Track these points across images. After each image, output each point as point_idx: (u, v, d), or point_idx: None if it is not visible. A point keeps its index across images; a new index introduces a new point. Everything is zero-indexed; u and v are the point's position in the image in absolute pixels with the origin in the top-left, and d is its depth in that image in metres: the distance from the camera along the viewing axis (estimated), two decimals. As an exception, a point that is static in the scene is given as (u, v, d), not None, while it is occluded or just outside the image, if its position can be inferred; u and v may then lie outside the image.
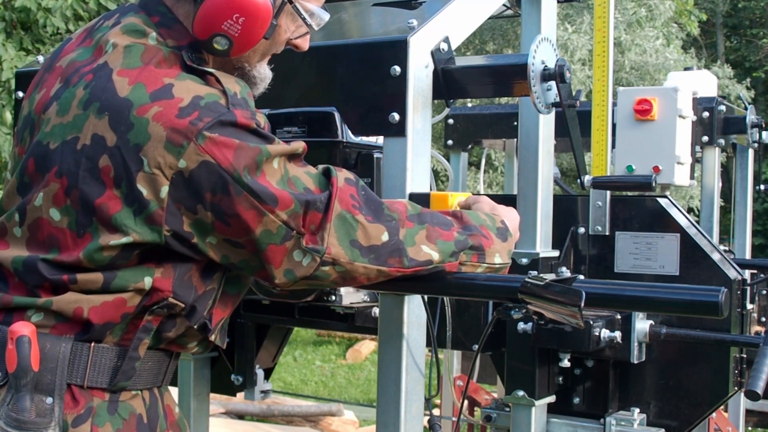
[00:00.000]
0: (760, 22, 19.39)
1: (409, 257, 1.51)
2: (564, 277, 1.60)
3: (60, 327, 1.42)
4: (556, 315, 1.48)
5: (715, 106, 3.00)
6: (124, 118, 1.38)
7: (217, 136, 1.36)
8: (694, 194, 10.73)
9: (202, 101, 1.38)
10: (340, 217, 1.45)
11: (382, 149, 1.80)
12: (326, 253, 1.44)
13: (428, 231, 1.54)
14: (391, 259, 1.49)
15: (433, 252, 1.53)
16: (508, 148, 3.48)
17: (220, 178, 1.37)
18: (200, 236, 1.41)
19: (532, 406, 2.13)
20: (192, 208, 1.39)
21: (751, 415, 5.11)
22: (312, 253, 1.43)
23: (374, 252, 1.48)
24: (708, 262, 2.16)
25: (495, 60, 1.96)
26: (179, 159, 1.36)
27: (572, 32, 10.64)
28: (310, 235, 1.43)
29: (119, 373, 1.45)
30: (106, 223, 1.39)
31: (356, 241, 1.46)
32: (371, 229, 1.47)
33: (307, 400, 7.27)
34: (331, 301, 2.25)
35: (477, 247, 1.60)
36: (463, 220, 1.61)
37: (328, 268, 1.46)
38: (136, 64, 1.42)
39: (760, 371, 1.61)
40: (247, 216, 1.39)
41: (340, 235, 1.44)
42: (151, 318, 1.45)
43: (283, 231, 1.41)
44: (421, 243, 1.52)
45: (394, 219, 1.51)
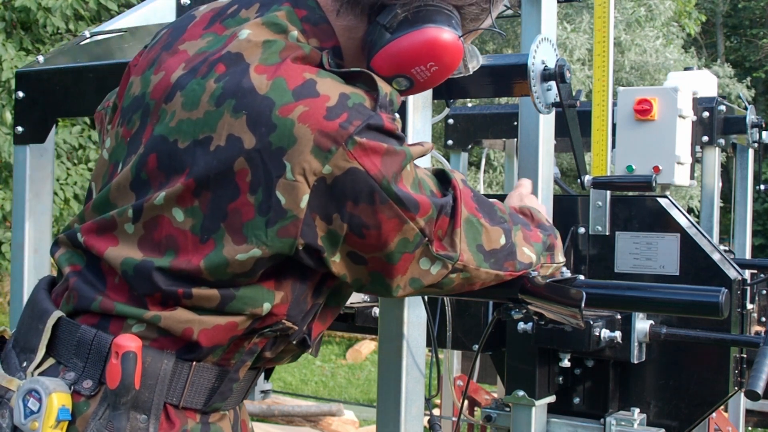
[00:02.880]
0: (760, 22, 19.39)
1: (519, 260, 1.45)
2: (564, 277, 1.60)
3: (162, 341, 1.30)
4: (557, 315, 1.48)
5: (715, 106, 3.00)
6: (265, 118, 1.24)
7: (366, 141, 1.23)
8: (694, 194, 10.73)
9: (350, 101, 1.25)
10: (468, 221, 1.35)
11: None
12: (459, 260, 1.34)
13: (523, 232, 1.48)
14: (507, 263, 1.43)
15: (532, 254, 1.48)
16: (508, 148, 3.48)
17: (367, 186, 1.24)
18: (330, 250, 1.28)
19: (532, 406, 2.13)
20: (328, 218, 1.26)
21: (751, 415, 5.11)
22: (444, 260, 1.34)
23: (494, 256, 1.40)
24: (708, 262, 2.16)
25: (495, 60, 1.95)
26: (325, 165, 1.22)
27: (571, 31, 10.63)
28: (439, 241, 1.32)
29: (216, 394, 1.34)
30: (236, 231, 1.26)
31: (481, 246, 1.38)
32: (492, 233, 1.40)
33: (307, 400, 7.26)
34: (331, 301, 2.25)
35: (551, 248, 1.56)
36: (534, 217, 1.56)
37: (456, 275, 1.37)
38: (274, 60, 1.28)
39: (760, 371, 1.61)
40: (387, 226, 1.27)
41: (468, 240, 1.35)
42: (258, 341, 1.35)
43: (418, 238, 1.30)
44: (522, 245, 1.46)
45: (505, 221, 1.45)
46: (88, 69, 2.25)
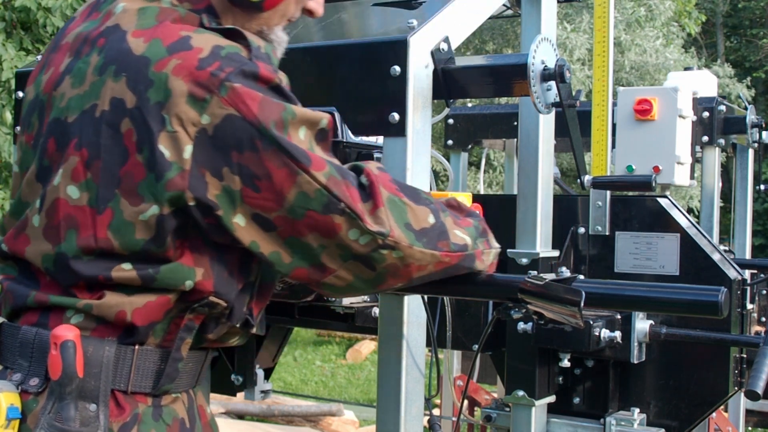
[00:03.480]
0: (760, 22, 19.39)
1: (452, 242, 1.44)
2: (564, 277, 1.60)
3: (101, 329, 1.34)
4: (556, 315, 1.48)
5: (715, 106, 3.00)
6: (143, 75, 1.28)
7: (240, 86, 1.27)
8: (694, 194, 10.74)
9: (223, 51, 1.29)
10: (390, 200, 1.36)
11: (382, 149, 1.80)
12: (389, 235, 1.34)
13: (452, 217, 1.49)
14: (440, 242, 1.42)
15: (466, 236, 1.48)
16: (508, 148, 3.48)
17: (246, 131, 1.27)
18: (227, 209, 1.30)
19: (532, 406, 2.13)
20: (218, 172, 1.28)
21: (751, 415, 5.11)
22: (374, 234, 1.34)
23: (426, 235, 1.40)
24: (708, 262, 2.16)
25: (495, 60, 1.95)
26: (202, 114, 1.26)
27: (571, 31, 10.63)
28: (368, 217, 1.33)
29: (163, 376, 1.37)
30: (131, 193, 1.29)
31: (409, 224, 1.38)
32: (419, 211, 1.40)
33: (307, 400, 7.27)
34: (331, 301, 2.25)
35: (485, 233, 1.57)
36: (462, 207, 1.58)
37: (387, 251, 1.36)
38: (151, 23, 1.34)
39: (760, 371, 1.61)
40: (278, 175, 1.28)
41: (396, 218, 1.36)
42: (192, 317, 1.38)
43: (324, 198, 1.30)
44: (452, 228, 1.46)
45: (431, 202, 1.45)
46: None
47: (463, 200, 1.65)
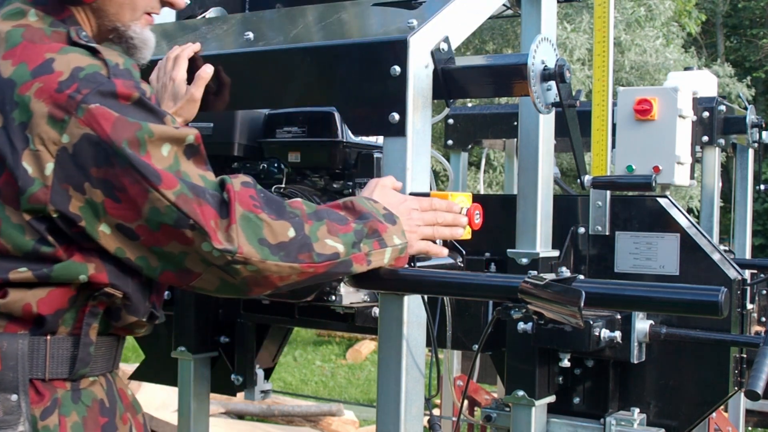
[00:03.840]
0: (760, 22, 19.39)
1: (317, 252, 1.50)
2: (564, 277, 1.60)
3: (11, 326, 1.44)
4: (556, 315, 1.48)
5: (715, 106, 3.00)
6: (9, 97, 1.39)
7: (95, 107, 1.37)
8: (694, 194, 10.73)
9: (82, 73, 1.39)
10: (244, 217, 1.44)
11: (382, 149, 1.80)
12: (238, 253, 1.42)
13: (328, 226, 1.53)
14: (301, 254, 1.48)
15: (338, 244, 1.52)
16: (508, 148, 3.48)
17: (101, 149, 1.37)
18: (91, 220, 1.40)
19: (532, 406, 2.13)
20: (80, 186, 1.38)
21: (751, 415, 5.11)
22: (223, 252, 1.42)
23: (284, 249, 1.46)
24: (708, 262, 2.16)
25: (495, 60, 1.95)
26: (62, 134, 1.37)
27: (571, 31, 10.63)
28: (215, 235, 1.42)
29: (77, 361, 1.49)
30: (13, 201, 1.40)
31: (264, 240, 1.45)
32: (277, 227, 1.46)
33: (307, 400, 7.26)
34: (331, 301, 2.25)
35: (375, 233, 1.58)
36: (356, 209, 1.60)
37: (240, 266, 1.44)
38: (17, 42, 1.44)
39: (760, 371, 1.61)
40: (133, 190, 1.38)
41: (248, 235, 1.43)
42: (95, 303, 1.49)
43: (174, 214, 1.39)
44: (324, 237, 1.51)
45: (297, 215, 1.51)
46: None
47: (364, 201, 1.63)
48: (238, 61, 2.03)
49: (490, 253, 2.28)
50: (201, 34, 2.29)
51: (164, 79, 2.02)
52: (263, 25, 2.35)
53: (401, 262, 1.65)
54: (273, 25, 2.35)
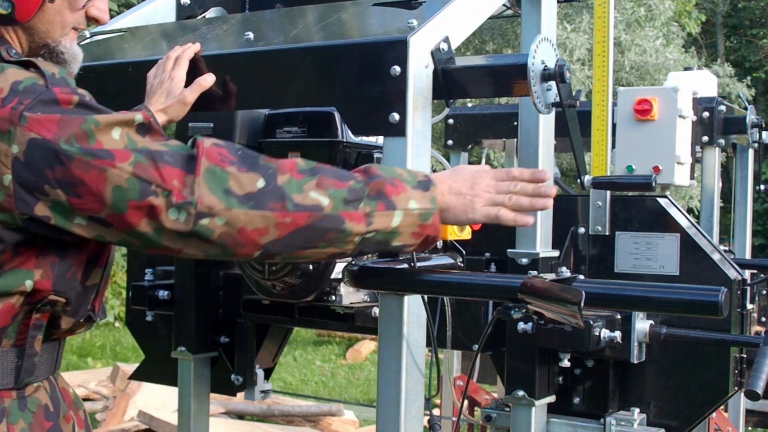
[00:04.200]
0: (760, 22, 19.39)
1: (294, 202, 1.46)
2: (564, 277, 1.60)
3: None
4: (556, 315, 1.48)
5: (715, 106, 3.00)
6: None
7: (39, 115, 1.41)
8: (694, 194, 10.73)
9: (21, 86, 1.44)
10: (209, 170, 1.44)
11: (382, 149, 1.80)
12: (199, 202, 1.42)
13: (319, 180, 1.50)
14: (273, 203, 1.45)
15: (322, 197, 1.48)
16: (508, 148, 3.48)
17: (50, 150, 1.41)
18: (62, 217, 1.44)
19: (532, 406, 2.13)
20: (41, 190, 1.42)
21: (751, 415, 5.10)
22: (185, 206, 1.42)
23: (252, 199, 1.44)
24: (708, 262, 2.16)
25: (495, 60, 1.95)
26: (11, 145, 1.41)
27: (571, 31, 10.63)
28: (179, 191, 1.42)
29: (22, 371, 1.54)
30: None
31: (230, 190, 1.44)
32: (244, 178, 1.45)
33: (307, 400, 7.26)
34: (331, 301, 2.25)
35: (379, 194, 1.52)
36: (369, 171, 1.55)
37: (208, 221, 1.43)
38: None
39: (760, 371, 1.61)
40: (90, 179, 1.41)
41: (211, 186, 1.43)
42: (39, 316, 1.54)
43: (137, 185, 1.41)
44: (309, 190, 1.48)
45: (270, 168, 1.49)
46: (88, 69, 2.24)
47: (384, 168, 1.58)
48: (238, 61, 2.03)
49: (490, 253, 2.28)
50: (201, 34, 2.29)
51: (162, 77, 2.03)
52: (263, 25, 2.35)
53: (428, 230, 1.56)
54: (273, 25, 2.35)
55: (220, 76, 2.04)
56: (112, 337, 10.02)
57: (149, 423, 5.57)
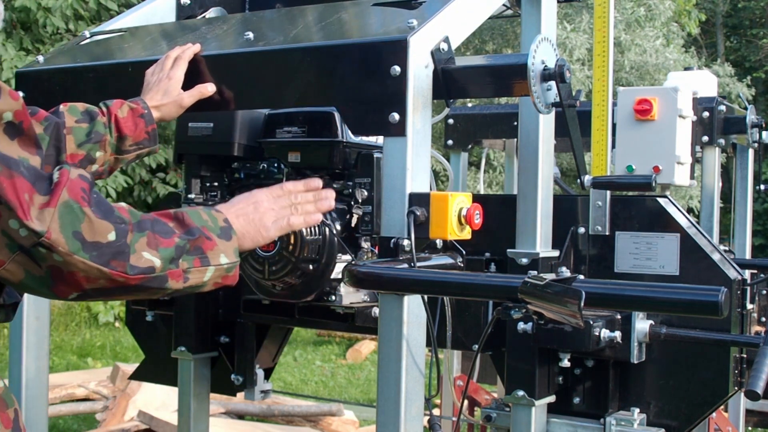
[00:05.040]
0: (760, 22, 19.39)
1: (131, 264, 1.45)
2: (564, 276, 1.60)
3: None
4: (556, 315, 1.48)
5: (715, 106, 3.00)
6: None
7: None
8: (694, 194, 10.73)
9: None
10: (67, 204, 1.39)
11: (382, 149, 1.80)
12: (45, 236, 1.37)
13: (149, 238, 1.49)
14: (114, 261, 1.43)
15: (155, 258, 1.49)
16: (508, 148, 3.48)
17: None
18: None
19: (532, 406, 2.13)
20: None
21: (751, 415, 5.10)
22: (30, 231, 1.36)
23: (97, 249, 1.41)
24: (708, 262, 2.16)
25: (495, 60, 1.95)
26: None
27: (571, 31, 10.63)
28: (28, 211, 1.36)
29: None
30: None
31: (80, 233, 1.40)
32: (98, 225, 1.42)
33: (307, 400, 7.26)
34: (331, 301, 2.25)
35: (197, 250, 1.55)
36: (185, 223, 1.56)
37: (45, 251, 1.38)
38: None
39: (760, 371, 1.61)
40: None
41: (63, 223, 1.38)
42: None
43: None
44: (141, 250, 1.47)
45: (124, 222, 1.47)
46: (87, 69, 2.25)
47: (197, 213, 1.61)
48: (238, 61, 2.03)
49: (490, 253, 2.28)
50: (201, 34, 2.29)
51: (161, 75, 2.05)
52: (263, 25, 2.35)
53: (229, 280, 1.62)
54: (273, 25, 2.35)
55: (219, 77, 2.04)
56: (112, 337, 10.02)
57: (149, 423, 5.57)
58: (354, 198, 2.20)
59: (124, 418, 5.80)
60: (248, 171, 2.44)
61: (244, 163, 2.44)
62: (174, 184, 10.42)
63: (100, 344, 9.68)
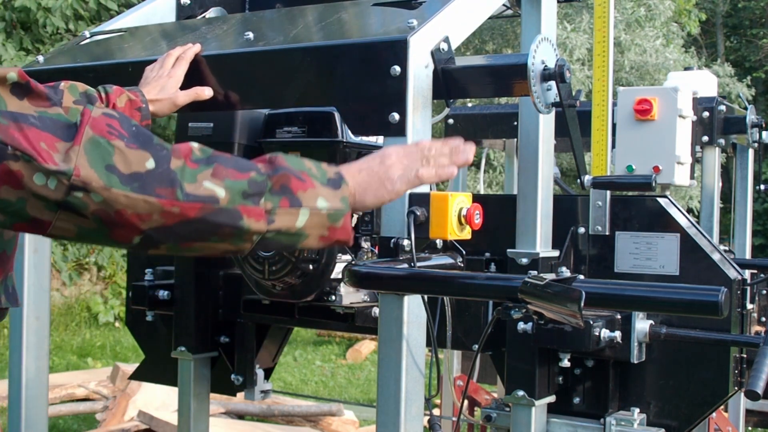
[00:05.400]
0: (760, 22, 19.38)
1: (185, 191, 1.31)
2: (564, 276, 1.60)
3: None
4: (556, 315, 1.48)
5: (715, 106, 3.00)
6: None
7: None
8: (694, 194, 10.73)
9: None
10: (93, 141, 1.28)
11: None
12: (74, 174, 1.25)
13: (216, 170, 1.35)
14: (161, 188, 1.29)
15: (218, 188, 1.33)
16: (508, 148, 3.48)
17: None
18: None
19: (532, 406, 2.13)
20: None
21: (751, 415, 5.10)
22: (56, 174, 1.25)
23: (138, 180, 1.29)
24: (708, 262, 2.16)
25: (495, 60, 1.95)
26: None
27: (571, 31, 10.63)
28: (50, 155, 1.26)
29: None
30: None
31: (113, 167, 1.28)
32: (132, 155, 1.29)
33: (307, 400, 7.26)
34: (331, 301, 2.25)
35: (284, 189, 1.38)
36: (275, 163, 1.40)
37: (82, 194, 1.27)
38: None
39: (760, 371, 1.61)
40: None
41: (92, 158, 1.27)
42: None
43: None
44: (203, 179, 1.33)
45: (165, 149, 1.33)
46: (88, 69, 2.25)
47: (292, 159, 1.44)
48: (238, 61, 2.03)
49: (490, 253, 2.28)
50: (201, 34, 2.29)
51: (161, 72, 2.06)
52: (263, 25, 2.35)
53: (337, 233, 1.44)
54: (273, 25, 2.35)
55: (219, 77, 2.04)
56: (112, 337, 10.02)
57: (149, 423, 5.57)
58: (354, 198, 2.19)
59: (124, 418, 5.81)
60: (248, 171, 2.44)
61: (244, 163, 2.44)
62: (174, 184, 10.40)
63: (100, 344, 9.68)
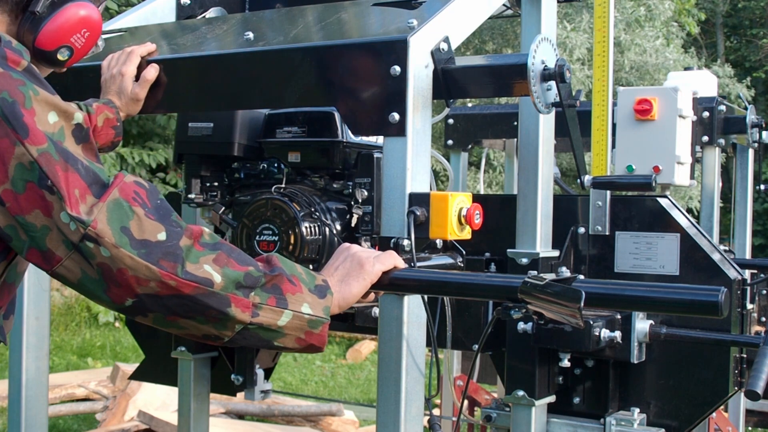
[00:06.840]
0: (760, 22, 19.39)
1: (185, 269, 1.38)
2: (564, 276, 1.60)
3: None
4: (556, 315, 1.48)
5: (715, 106, 3.00)
6: None
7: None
8: (693, 194, 10.73)
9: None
10: (116, 202, 1.37)
11: (382, 149, 1.80)
12: (91, 225, 1.34)
13: (218, 256, 1.42)
14: (165, 261, 1.37)
15: (216, 273, 1.40)
16: (508, 148, 3.48)
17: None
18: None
19: (532, 406, 2.13)
20: None
21: (751, 415, 5.10)
22: (77, 220, 1.33)
23: (146, 247, 1.36)
24: (708, 262, 2.16)
25: (495, 60, 1.95)
26: None
27: (571, 31, 10.63)
28: (76, 202, 1.34)
29: None
30: None
31: (128, 229, 1.36)
32: (148, 224, 1.38)
33: (307, 400, 7.26)
34: (331, 301, 2.25)
35: (274, 288, 1.45)
36: (271, 262, 1.49)
37: (93, 245, 1.34)
38: None
39: (760, 371, 1.61)
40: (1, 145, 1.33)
41: (111, 217, 1.36)
42: None
43: (36, 171, 1.33)
44: (204, 263, 1.40)
45: (180, 227, 1.41)
46: (88, 69, 2.25)
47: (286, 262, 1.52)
48: (238, 61, 2.03)
49: (490, 253, 2.28)
50: (201, 34, 2.29)
51: (114, 71, 2.13)
52: (263, 25, 2.35)
53: (313, 339, 1.49)
54: (273, 25, 2.35)
55: (219, 77, 2.04)
56: (112, 337, 10.02)
57: (149, 423, 5.57)
58: (354, 198, 2.20)
59: (124, 418, 5.81)
60: (248, 171, 2.44)
61: (244, 163, 2.44)
62: (174, 184, 10.42)
63: (100, 344, 9.68)
